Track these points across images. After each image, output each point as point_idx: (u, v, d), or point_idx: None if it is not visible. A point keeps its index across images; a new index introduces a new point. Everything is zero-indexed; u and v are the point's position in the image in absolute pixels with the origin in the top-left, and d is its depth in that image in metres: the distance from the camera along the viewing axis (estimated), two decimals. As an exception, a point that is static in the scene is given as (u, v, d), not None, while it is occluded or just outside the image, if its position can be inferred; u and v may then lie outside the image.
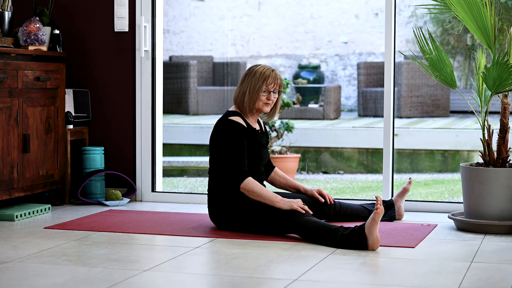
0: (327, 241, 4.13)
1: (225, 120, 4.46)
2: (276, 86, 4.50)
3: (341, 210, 4.74)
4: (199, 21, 14.42)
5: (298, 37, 14.26)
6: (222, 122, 4.47)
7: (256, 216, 4.36)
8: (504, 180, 4.52)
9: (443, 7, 4.75)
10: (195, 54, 14.14)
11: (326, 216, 4.71)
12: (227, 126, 4.44)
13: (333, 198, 4.78)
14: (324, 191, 4.74)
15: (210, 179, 4.55)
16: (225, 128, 4.44)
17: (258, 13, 14.36)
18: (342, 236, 4.08)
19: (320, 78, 13.56)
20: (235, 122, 4.45)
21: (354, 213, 4.77)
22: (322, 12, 14.13)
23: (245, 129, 4.45)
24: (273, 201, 4.32)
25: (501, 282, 3.45)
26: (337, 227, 4.15)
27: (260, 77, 4.47)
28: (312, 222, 4.21)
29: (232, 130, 4.42)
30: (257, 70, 4.50)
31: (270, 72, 4.48)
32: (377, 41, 13.90)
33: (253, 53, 14.39)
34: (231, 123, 4.44)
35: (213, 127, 4.51)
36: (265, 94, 4.48)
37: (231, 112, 4.52)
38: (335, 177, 9.02)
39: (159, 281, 3.47)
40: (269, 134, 8.08)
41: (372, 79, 12.88)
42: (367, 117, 12.54)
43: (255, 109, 4.50)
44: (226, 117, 4.48)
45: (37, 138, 5.18)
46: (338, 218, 4.74)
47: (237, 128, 4.43)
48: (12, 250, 4.00)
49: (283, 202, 4.30)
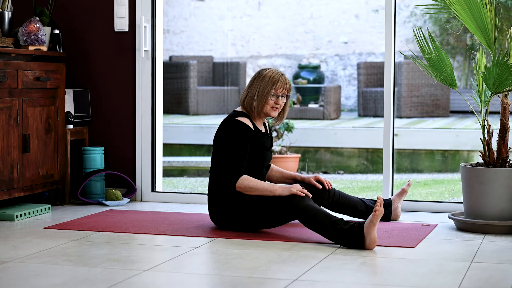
0: (325, 231, 4.13)
1: (232, 120, 4.46)
2: (284, 90, 4.50)
3: (340, 199, 4.71)
4: (199, 21, 14.42)
5: (298, 37, 14.26)
6: (228, 121, 4.47)
7: (256, 210, 4.36)
8: (504, 180, 4.52)
9: (443, 7, 4.75)
10: (195, 54, 14.14)
11: (324, 203, 4.69)
12: (233, 126, 4.44)
13: (334, 190, 4.74)
14: (321, 176, 4.73)
15: (211, 178, 4.55)
16: (231, 128, 4.44)
17: (258, 13, 14.36)
18: (341, 230, 4.09)
19: (320, 78, 13.57)
20: (242, 123, 4.44)
21: (352, 206, 4.74)
22: (322, 12, 14.14)
23: (251, 131, 4.45)
24: (272, 190, 4.33)
25: (501, 282, 3.45)
26: (337, 219, 4.14)
27: (269, 81, 4.47)
28: (313, 208, 4.20)
29: (238, 131, 4.42)
30: (266, 74, 4.50)
31: (279, 77, 4.49)
32: (377, 41, 13.91)
33: (253, 53, 14.39)
34: (237, 124, 4.44)
35: (219, 125, 4.51)
36: (274, 98, 4.48)
37: (238, 112, 4.51)
38: (335, 177, 9.02)
39: (159, 281, 3.47)
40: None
41: (372, 79, 12.89)
42: (367, 117, 12.54)
43: (263, 113, 4.50)
44: (233, 117, 4.47)
45: (37, 138, 5.18)
46: (336, 207, 4.71)
47: (243, 129, 4.42)
48: (12, 250, 4.00)
49: (282, 189, 4.32)
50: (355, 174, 9.72)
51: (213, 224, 4.63)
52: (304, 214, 4.21)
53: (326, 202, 4.70)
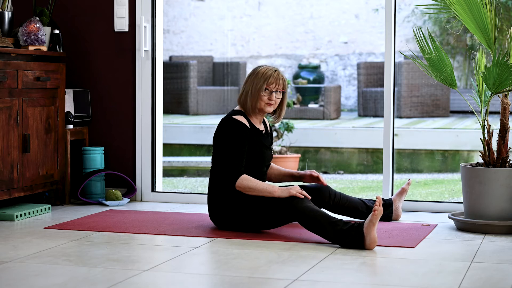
0: (324, 233, 4.13)
1: (229, 118, 4.47)
2: (278, 86, 4.49)
3: (341, 200, 4.71)
4: (199, 21, 14.42)
5: (298, 37, 14.26)
6: (225, 120, 4.48)
7: (256, 211, 4.36)
8: (504, 180, 4.52)
9: (443, 7, 4.75)
10: (195, 54, 14.14)
11: (325, 205, 4.69)
12: (229, 124, 4.44)
13: (334, 192, 4.75)
14: (315, 172, 4.74)
15: (211, 177, 4.55)
16: (227, 127, 4.45)
17: (258, 13, 14.36)
18: (341, 230, 4.09)
19: (320, 78, 13.57)
20: (238, 121, 4.45)
21: (353, 206, 4.73)
22: (322, 12, 14.14)
23: (247, 129, 4.45)
24: (271, 191, 4.33)
25: (501, 282, 3.45)
26: (336, 220, 4.14)
27: (262, 77, 4.47)
28: (312, 210, 4.20)
29: (234, 129, 4.42)
30: (260, 70, 4.51)
31: (272, 72, 4.48)
32: (377, 41, 13.91)
33: (253, 53, 14.39)
34: (233, 122, 4.44)
35: (217, 125, 4.52)
36: (267, 93, 4.48)
37: (235, 111, 4.52)
38: (335, 177, 9.02)
39: (159, 281, 3.47)
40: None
41: (372, 79, 12.89)
42: (367, 117, 12.54)
43: (257, 109, 4.50)
44: (230, 116, 4.48)
45: (37, 138, 5.18)
46: (336, 208, 4.71)
47: (239, 128, 4.43)
48: (12, 250, 4.00)
49: (281, 190, 4.32)
50: (355, 174, 9.72)
51: (213, 224, 4.63)
52: (304, 216, 4.21)
53: (327, 204, 4.70)
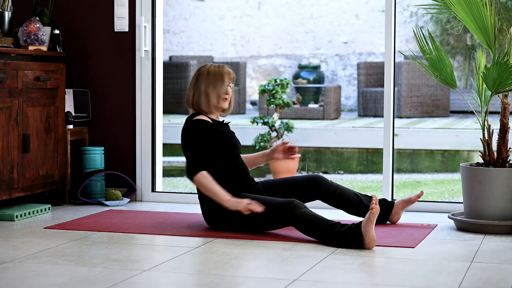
0: (323, 237, 4.13)
1: (189, 121, 4.51)
2: (231, 80, 4.59)
3: (336, 191, 4.65)
4: (199, 21, 14.42)
5: (298, 37, 14.26)
6: (186, 124, 4.52)
7: (252, 215, 4.34)
8: (504, 180, 4.52)
9: (443, 7, 4.75)
10: (195, 54, 14.14)
11: (318, 196, 4.65)
12: (191, 126, 4.48)
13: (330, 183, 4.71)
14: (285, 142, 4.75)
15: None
16: (189, 129, 4.48)
17: (258, 13, 14.36)
18: (338, 233, 4.08)
19: (320, 78, 13.57)
20: (199, 120, 4.47)
21: (346, 198, 4.65)
22: (322, 12, 14.14)
23: (210, 125, 4.48)
24: (221, 199, 4.34)
25: (501, 282, 3.45)
26: (334, 223, 4.13)
27: (217, 74, 4.54)
28: (308, 215, 4.19)
29: (196, 129, 4.45)
30: (210, 69, 4.57)
31: (223, 68, 4.57)
32: (377, 41, 13.91)
33: (253, 53, 14.39)
34: (195, 123, 4.47)
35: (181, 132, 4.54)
36: (224, 89, 4.55)
37: (193, 114, 4.56)
38: (335, 177, 9.02)
39: (159, 281, 3.47)
40: (270, 134, 8.10)
41: (372, 79, 12.89)
42: (367, 117, 12.54)
43: (214, 107, 4.54)
44: (190, 119, 4.51)
45: (37, 138, 5.18)
46: (330, 199, 4.65)
47: (201, 126, 4.45)
48: (12, 250, 4.00)
49: (231, 202, 4.32)
50: (355, 174, 9.72)
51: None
52: (301, 221, 4.21)
53: (319, 195, 4.62)
